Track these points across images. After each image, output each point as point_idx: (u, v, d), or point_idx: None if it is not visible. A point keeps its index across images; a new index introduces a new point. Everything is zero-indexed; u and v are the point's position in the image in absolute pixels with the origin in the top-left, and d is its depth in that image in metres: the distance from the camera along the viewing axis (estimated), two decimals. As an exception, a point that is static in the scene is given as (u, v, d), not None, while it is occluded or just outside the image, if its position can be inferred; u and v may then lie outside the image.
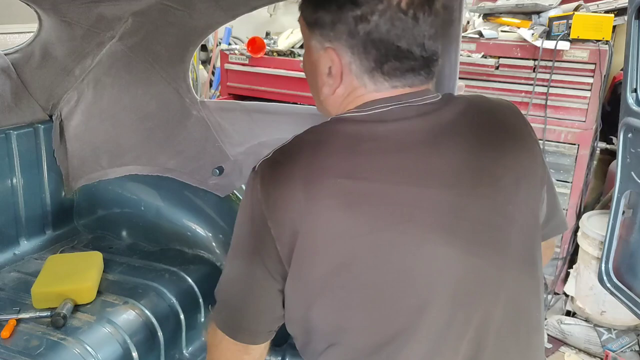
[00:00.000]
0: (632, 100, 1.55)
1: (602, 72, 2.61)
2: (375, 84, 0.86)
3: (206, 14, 1.70)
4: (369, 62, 0.84)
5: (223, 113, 1.93)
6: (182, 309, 1.67)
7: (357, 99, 0.88)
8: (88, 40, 1.77)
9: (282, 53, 3.74)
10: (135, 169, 2.01)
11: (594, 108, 2.68)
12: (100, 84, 1.90)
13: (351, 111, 0.87)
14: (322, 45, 0.88)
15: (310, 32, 0.89)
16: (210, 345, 0.97)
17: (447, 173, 0.83)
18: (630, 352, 2.44)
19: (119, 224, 2.05)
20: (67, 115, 1.95)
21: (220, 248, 1.91)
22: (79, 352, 1.36)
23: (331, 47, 0.86)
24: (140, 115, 1.95)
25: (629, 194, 1.68)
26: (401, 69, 0.85)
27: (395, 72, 0.85)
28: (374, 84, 0.86)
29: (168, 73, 1.89)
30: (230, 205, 2.00)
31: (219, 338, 0.93)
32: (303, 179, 0.81)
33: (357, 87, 0.87)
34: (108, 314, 1.51)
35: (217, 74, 4.33)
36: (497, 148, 0.87)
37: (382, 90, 0.86)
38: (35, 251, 1.90)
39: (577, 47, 2.65)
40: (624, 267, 1.77)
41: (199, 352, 1.68)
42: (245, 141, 1.92)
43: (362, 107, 0.86)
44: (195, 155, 1.98)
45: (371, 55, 0.84)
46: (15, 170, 1.84)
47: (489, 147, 0.87)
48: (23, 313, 1.47)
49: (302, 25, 0.92)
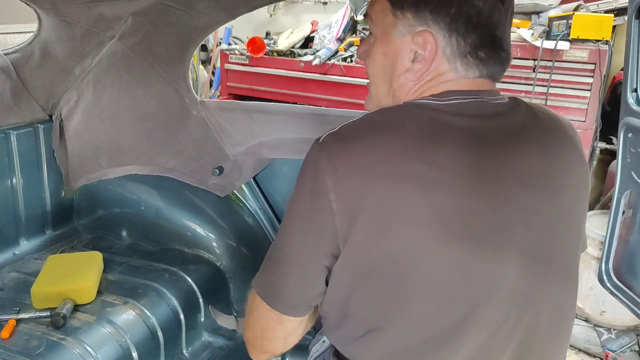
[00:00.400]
0: (632, 100, 1.55)
1: (602, 72, 2.61)
2: (466, 69, 0.86)
3: (206, 14, 1.70)
4: (466, 45, 0.85)
5: (223, 113, 1.93)
6: (182, 309, 1.67)
7: (438, 85, 0.88)
8: (88, 40, 1.77)
9: (282, 53, 3.74)
10: (135, 168, 2.01)
11: (593, 108, 2.68)
12: (100, 84, 1.90)
13: (428, 98, 0.86)
14: (412, 29, 0.87)
15: (397, 18, 0.88)
16: (248, 309, 0.97)
17: (522, 174, 0.84)
18: (630, 352, 2.44)
19: (119, 224, 2.05)
20: (67, 115, 1.95)
21: (220, 248, 1.91)
22: (79, 352, 1.36)
23: (427, 30, 0.85)
24: (140, 115, 1.95)
25: (629, 193, 1.68)
26: (493, 58, 0.86)
27: (487, 60, 0.86)
28: (465, 69, 0.86)
29: (168, 73, 1.89)
30: (230, 205, 2.00)
31: (257, 303, 0.92)
32: (375, 157, 0.79)
33: (445, 72, 0.87)
34: (108, 314, 1.51)
35: (217, 74, 4.33)
36: (562, 159, 0.89)
37: (470, 76, 0.87)
38: (35, 251, 1.90)
39: (577, 47, 2.65)
40: (624, 267, 1.77)
41: (199, 352, 1.68)
42: (245, 141, 1.92)
43: (440, 97, 0.86)
44: (195, 155, 1.98)
45: (470, 38, 0.84)
46: (15, 170, 1.84)
47: (556, 156, 0.88)
48: (23, 313, 1.47)
49: (383, 13, 0.91)
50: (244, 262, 1.91)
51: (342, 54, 3.55)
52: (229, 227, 1.96)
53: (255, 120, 1.88)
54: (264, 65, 3.74)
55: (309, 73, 3.56)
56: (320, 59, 3.47)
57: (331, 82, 3.51)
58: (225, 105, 2.03)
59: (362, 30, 3.73)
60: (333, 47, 3.58)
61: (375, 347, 0.85)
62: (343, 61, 3.51)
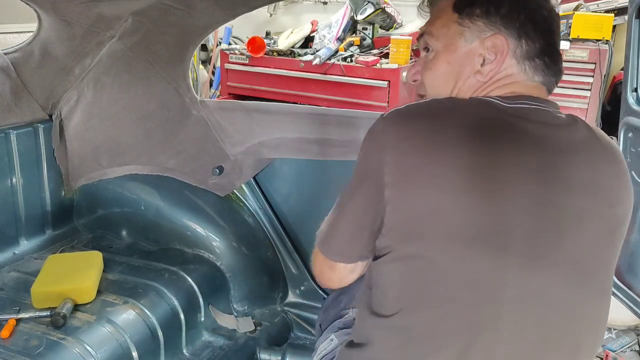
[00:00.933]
0: (632, 100, 1.55)
1: (602, 71, 2.62)
2: (533, 72, 0.93)
3: (206, 14, 1.70)
4: (534, 49, 0.92)
5: (223, 112, 1.93)
6: (182, 309, 1.66)
7: (506, 85, 0.93)
8: (88, 40, 1.77)
9: (282, 53, 3.74)
10: (135, 168, 2.01)
11: (594, 108, 2.68)
12: (100, 84, 1.90)
13: (494, 98, 0.91)
14: (481, 34, 0.93)
15: (465, 27, 0.95)
16: (313, 254, 1.07)
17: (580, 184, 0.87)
18: (630, 352, 2.44)
19: (118, 223, 2.05)
20: (67, 115, 1.95)
21: (220, 248, 1.91)
22: (79, 352, 1.36)
23: (498, 33, 0.92)
24: (140, 114, 1.95)
25: (629, 193, 1.67)
26: (552, 67, 0.94)
27: (549, 67, 0.93)
28: (532, 72, 0.93)
29: (168, 72, 1.89)
30: (230, 204, 2.00)
31: (316, 250, 1.03)
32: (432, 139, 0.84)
33: (514, 73, 0.93)
34: (108, 313, 1.51)
35: (217, 73, 4.33)
36: (614, 179, 0.92)
37: (535, 80, 0.94)
38: (35, 251, 1.90)
39: (577, 47, 2.65)
40: (624, 267, 1.77)
41: (199, 352, 1.68)
42: (245, 141, 1.92)
43: (506, 99, 0.90)
44: (195, 155, 1.98)
45: (537, 43, 0.92)
46: (15, 169, 1.84)
47: (612, 176, 0.92)
48: (23, 313, 1.47)
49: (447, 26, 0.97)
50: (244, 261, 1.91)
51: (342, 54, 3.55)
52: (229, 226, 1.96)
53: (255, 120, 1.88)
54: (264, 65, 3.74)
55: (309, 73, 3.56)
56: (320, 59, 3.47)
57: (331, 82, 3.51)
58: (225, 105, 2.03)
59: (362, 30, 3.73)
60: (333, 47, 3.58)
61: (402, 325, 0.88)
62: (343, 61, 3.51)
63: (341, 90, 3.49)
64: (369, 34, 3.71)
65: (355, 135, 1.71)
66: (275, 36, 3.99)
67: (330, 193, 1.94)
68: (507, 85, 0.93)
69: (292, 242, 1.96)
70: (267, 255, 1.97)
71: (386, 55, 3.52)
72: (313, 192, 1.90)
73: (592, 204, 0.88)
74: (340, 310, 1.36)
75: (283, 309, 1.93)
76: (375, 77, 3.40)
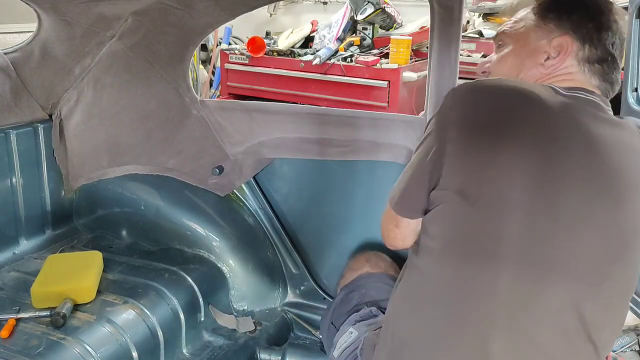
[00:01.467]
0: (632, 100, 1.55)
1: (602, 71, 2.61)
2: (591, 75, 1.04)
3: (206, 14, 1.70)
4: (597, 55, 1.03)
5: (223, 112, 1.93)
6: (182, 309, 1.66)
7: (565, 81, 1.03)
8: (88, 40, 1.77)
9: (282, 53, 3.74)
10: (135, 168, 2.01)
11: (594, 108, 2.68)
12: (100, 83, 1.90)
13: (558, 86, 1.00)
14: (550, 35, 1.05)
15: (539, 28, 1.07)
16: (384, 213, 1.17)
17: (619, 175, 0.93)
18: (630, 352, 2.44)
19: (118, 223, 2.04)
20: (67, 115, 1.95)
21: (220, 247, 1.91)
22: (79, 352, 1.36)
23: (566, 34, 1.04)
24: (140, 114, 1.95)
25: (629, 193, 1.67)
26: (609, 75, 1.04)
27: (607, 73, 1.04)
28: (590, 74, 1.04)
29: (168, 72, 1.89)
30: (230, 204, 2.00)
31: (387, 207, 1.13)
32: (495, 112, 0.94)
33: (574, 72, 1.04)
34: (108, 313, 1.51)
35: (217, 73, 4.33)
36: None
37: (592, 82, 1.04)
38: (35, 250, 1.90)
39: (577, 47, 2.65)
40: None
41: (199, 352, 1.68)
42: (245, 140, 1.92)
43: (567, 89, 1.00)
44: (195, 155, 1.98)
45: (599, 50, 1.03)
46: (14, 169, 1.84)
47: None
48: (22, 312, 1.47)
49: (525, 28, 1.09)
50: (244, 261, 1.91)
51: (342, 54, 3.55)
52: (229, 226, 1.96)
53: (255, 120, 1.88)
54: (264, 65, 3.74)
55: (309, 73, 3.56)
56: (320, 59, 3.47)
57: (331, 81, 3.51)
58: (225, 104, 2.03)
59: (362, 30, 3.73)
60: (333, 47, 3.58)
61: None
62: (343, 61, 3.51)
63: (341, 90, 3.49)
64: (369, 34, 3.71)
65: (355, 135, 1.71)
66: (275, 36, 3.99)
67: (330, 193, 1.94)
68: (566, 81, 1.03)
69: (292, 242, 1.96)
70: (267, 255, 1.97)
71: (386, 55, 3.52)
72: (313, 192, 1.90)
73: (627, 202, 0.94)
74: (354, 306, 1.39)
75: (283, 308, 1.93)
76: (375, 77, 3.40)
